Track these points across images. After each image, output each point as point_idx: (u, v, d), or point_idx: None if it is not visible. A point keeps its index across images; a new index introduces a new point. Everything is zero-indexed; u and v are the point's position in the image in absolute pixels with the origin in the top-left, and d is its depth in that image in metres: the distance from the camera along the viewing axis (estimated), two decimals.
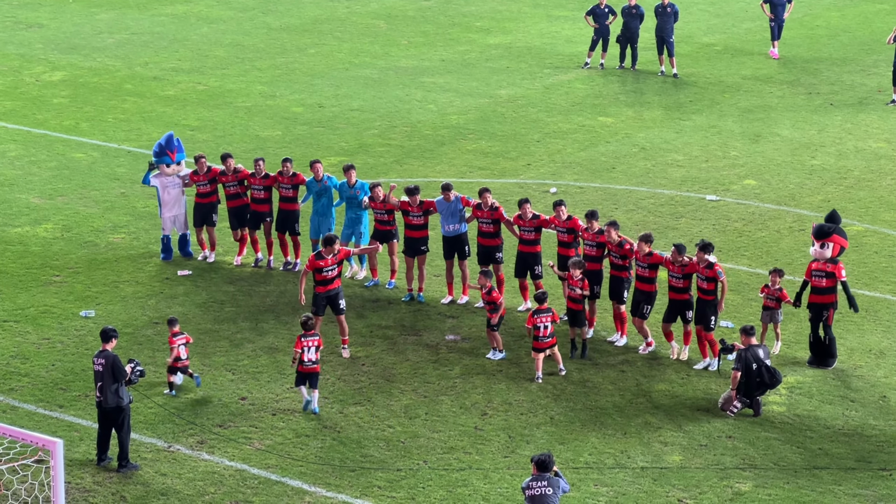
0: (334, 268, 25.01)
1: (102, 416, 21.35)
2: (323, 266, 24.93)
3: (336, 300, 25.06)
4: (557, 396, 23.90)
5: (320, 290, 25.04)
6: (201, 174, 28.83)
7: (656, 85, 41.74)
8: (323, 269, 24.94)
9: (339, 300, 25.08)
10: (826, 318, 24.72)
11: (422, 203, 27.13)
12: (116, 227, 30.75)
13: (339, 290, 25.14)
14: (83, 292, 27.48)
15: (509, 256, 27.58)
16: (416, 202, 27.08)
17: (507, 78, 42.11)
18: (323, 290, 25.02)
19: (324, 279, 24.99)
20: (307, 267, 25.15)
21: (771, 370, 23.20)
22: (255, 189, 28.59)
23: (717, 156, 35.85)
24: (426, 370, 24.72)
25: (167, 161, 28.75)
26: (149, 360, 24.70)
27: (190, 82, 41.29)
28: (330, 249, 24.89)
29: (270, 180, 28.57)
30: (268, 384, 24.10)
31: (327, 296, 25.05)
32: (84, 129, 37.14)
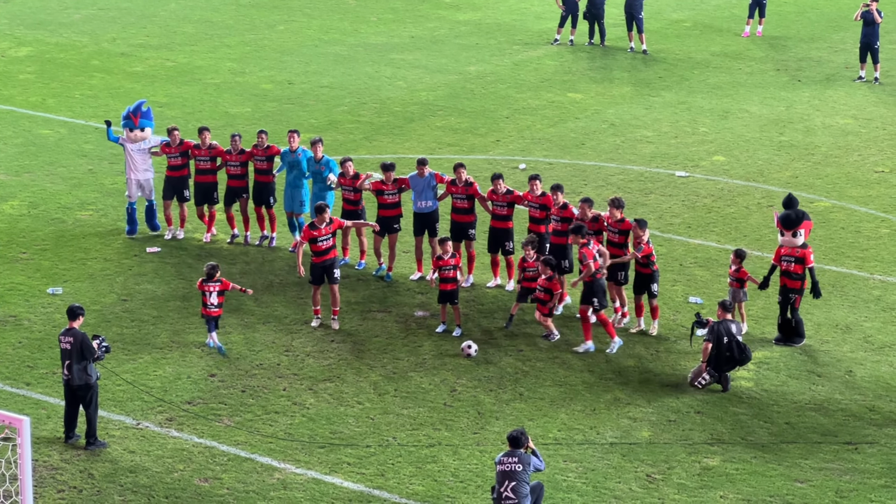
0: (329, 237, 24.99)
1: (69, 394, 21.26)
2: (317, 236, 24.93)
3: (332, 269, 25.07)
4: (527, 373, 23.91)
5: (316, 260, 25.08)
6: (173, 146, 28.65)
7: (625, 61, 41.73)
8: (318, 239, 24.94)
9: (334, 269, 25.10)
10: (794, 301, 24.75)
11: (395, 181, 27.05)
12: (84, 204, 30.59)
13: (334, 260, 25.14)
14: (50, 269, 27.34)
15: (481, 232, 27.54)
16: (390, 178, 26.98)
17: (477, 54, 42.03)
18: (319, 260, 25.04)
19: (319, 249, 24.97)
20: (302, 237, 25.25)
21: (741, 346, 23.26)
22: (231, 165, 28.44)
23: (686, 132, 35.88)
24: (396, 347, 24.70)
25: (130, 125, 28.53)
26: (116, 336, 24.60)
27: (158, 58, 41.08)
28: (322, 218, 24.87)
29: (247, 155, 28.45)
30: (237, 361, 24.03)
31: (323, 266, 25.04)
32: (51, 106, 36.92)
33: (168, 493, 20.36)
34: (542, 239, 26.16)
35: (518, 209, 27.06)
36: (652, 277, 24.83)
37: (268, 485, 20.62)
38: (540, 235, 26.14)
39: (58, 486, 20.40)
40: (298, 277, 27.12)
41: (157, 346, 24.46)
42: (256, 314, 25.67)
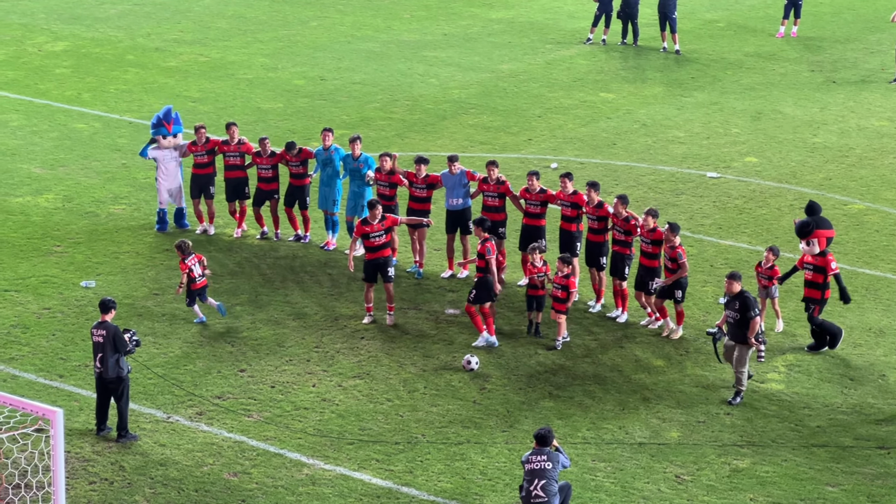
0: (382, 234, 25.00)
1: (101, 387, 21.36)
2: (370, 231, 24.96)
3: (385, 268, 25.06)
4: (556, 372, 23.90)
5: (369, 256, 25.09)
6: (199, 145, 28.73)
7: (658, 61, 41.65)
8: (370, 235, 24.96)
9: (388, 268, 25.09)
10: (812, 311, 24.56)
11: (426, 177, 27.07)
12: (117, 198, 30.72)
13: (388, 259, 25.12)
14: (84, 262, 27.47)
15: (512, 230, 27.54)
16: (421, 173, 27.01)
17: (509, 53, 42.02)
18: (372, 256, 25.04)
19: (372, 245, 25.00)
20: (355, 233, 25.29)
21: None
22: (262, 168, 28.48)
23: (718, 133, 35.79)
24: (426, 344, 24.72)
25: (164, 133, 28.66)
26: (148, 330, 24.70)
27: (192, 54, 41.20)
28: (374, 214, 24.88)
29: (277, 158, 28.48)
30: (267, 356, 24.10)
31: (376, 263, 25.05)
32: (86, 100, 37.07)
33: (198, 487, 20.43)
34: (571, 238, 26.15)
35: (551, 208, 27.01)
36: (678, 283, 24.76)
37: (296, 480, 20.68)
38: (570, 234, 26.14)
39: (89, 478, 20.50)
40: (330, 273, 27.20)
41: (187, 340, 24.54)
42: (286, 310, 25.74)
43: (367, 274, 25.24)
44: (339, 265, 27.63)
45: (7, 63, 39.78)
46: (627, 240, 25.37)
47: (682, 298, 24.86)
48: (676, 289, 24.75)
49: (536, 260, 24.80)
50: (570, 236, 26.21)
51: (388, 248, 25.25)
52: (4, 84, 37.99)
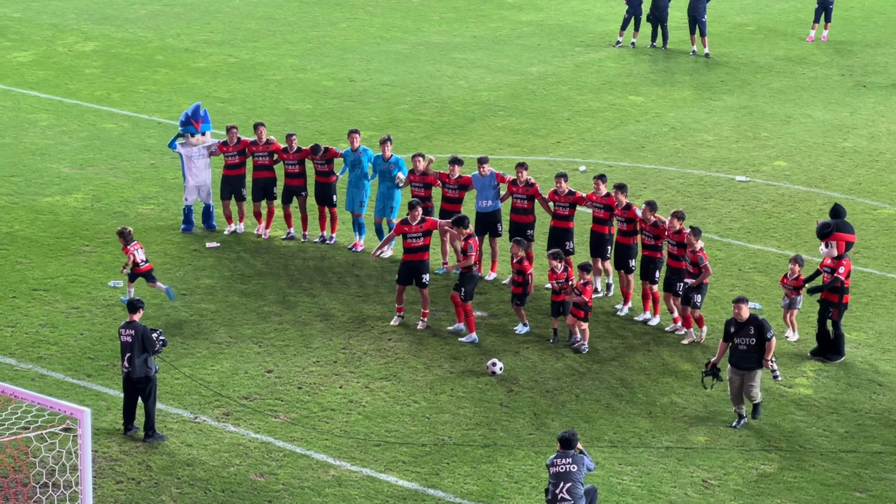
0: (420, 236, 24.99)
1: (129, 387, 21.42)
2: (408, 232, 24.95)
3: (421, 273, 25.03)
4: (583, 374, 23.87)
5: (406, 258, 25.10)
6: (231, 145, 28.80)
7: (687, 64, 41.57)
8: (408, 235, 24.96)
9: (423, 273, 25.03)
10: (831, 315, 24.45)
11: (459, 177, 27.08)
12: (146, 198, 30.81)
13: (425, 262, 25.10)
14: (112, 262, 27.55)
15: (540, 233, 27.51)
16: (454, 173, 27.01)
17: (539, 55, 41.99)
18: (409, 258, 25.05)
19: (409, 246, 25.01)
20: (394, 231, 25.38)
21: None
22: (288, 164, 28.56)
23: (747, 136, 35.70)
24: (453, 346, 24.71)
25: (192, 131, 28.72)
26: (175, 331, 24.76)
27: (221, 54, 41.31)
28: (413, 215, 24.88)
29: (304, 153, 28.55)
30: (294, 357, 24.13)
31: (412, 266, 25.04)
32: (115, 100, 37.20)
33: (224, 487, 20.47)
34: (603, 240, 26.14)
35: (579, 211, 26.97)
36: (698, 288, 24.67)
37: (323, 481, 20.71)
38: (601, 237, 26.13)
39: (116, 478, 20.56)
40: (357, 275, 27.22)
41: (214, 340, 24.60)
42: (314, 311, 25.77)
43: (402, 276, 25.22)
44: (366, 266, 27.65)
45: (37, 63, 39.95)
46: (657, 244, 25.32)
47: (699, 304, 24.77)
48: (695, 293, 24.67)
49: (557, 266, 24.75)
50: (601, 238, 26.19)
51: (426, 252, 25.23)
52: (35, 84, 38.16)
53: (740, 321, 22.05)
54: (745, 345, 22.06)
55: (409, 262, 25.13)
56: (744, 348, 22.07)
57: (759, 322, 22.07)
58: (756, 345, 22.06)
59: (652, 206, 25.28)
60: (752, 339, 22.05)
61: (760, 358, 22.11)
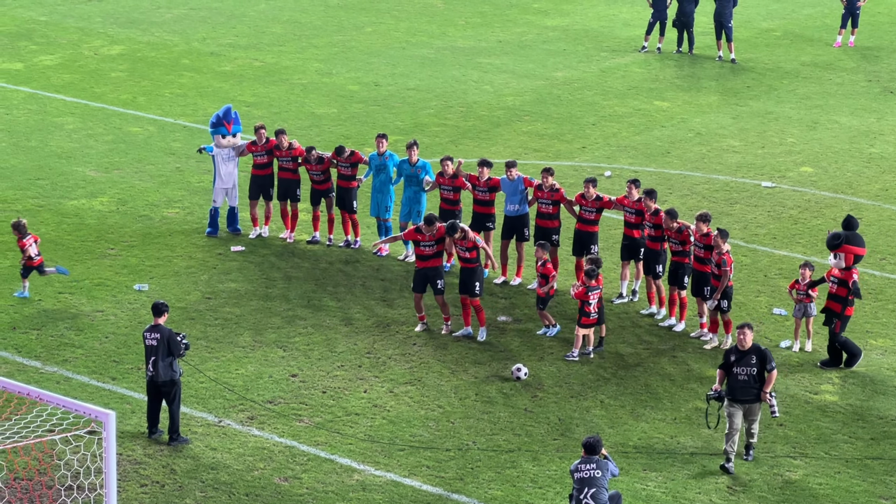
0: (433, 244, 24.99)
1: (153, 390, 21.46)
2: (420, 240, 24.99)
3: (435, 279, 25.04)
4: (608, 380, 23.84)
5: (419, 265, 25.12)
6: (259, 145, 28.85)
7: (713, 70, 41.50)
8: (420, 243, 25.00)
9: (437, 280, 25.03)
10: (833, 325, 24.34)
11: (489, 180, 27.11)
12: (171, 202, 30.88)
13: (438, 269, 25.11)
14: (137, 266, 27.63)
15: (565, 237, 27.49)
16: (484, 175, 27.03)
17: (564, 60, 41.97)
18: (422, 265, 25.07)
19: (421, 254, 25.06)
20: (404, 235, 25.58)
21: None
22: (313, 173, 28.61)
23: (773, 142, 35.61)
24: (477, 351, 24.71)
25: (223, 132, 28.78)
26: (199, 334, 24.81)
27: (247, 58, 41.40)
28: (430, 228, 24.89)
29: (326, 163, 28.55)
30: (318, 362, 24.16)
31: (425, 272, 25.06)
32: (141, 104, 37.30)
33: (248, 491, 20.50)
34: (635, 244, 26.12)
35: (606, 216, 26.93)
36: (725, 292, 24.61)
37: (347, 486, 20.72)
38: (633, 241, 26.11)
39: (140, 481, 20.61)
40: (382, 280, 27.23)
41: (239, 344, 24.64)
42: (338, 315, 25.79)
43: (416, 284, 25.23)
44: (391, 271, 27.67)
45: (63, 66, 40.09)
46: (684, 249, 25.27)
47: (727, 308, 24.72)
48: (722, 298, 24.62)
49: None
50: (634, 242, 26.19)
51: (439, 258, 25.24)
52: (61, 87, 38.29)
53: (742, 349, 21.05)
54: (746, 374, 20.96)
55: (423, 270, 25.13)
56: (744, 378, 20.98)
57: (762, 351, 21.03)
58: (757, 374, 21.00)
59: (671, 214, 25.21)
60: (754, 368, 20.98)
61: (760, 389, 21.07)
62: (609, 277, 27.15)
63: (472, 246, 24.93)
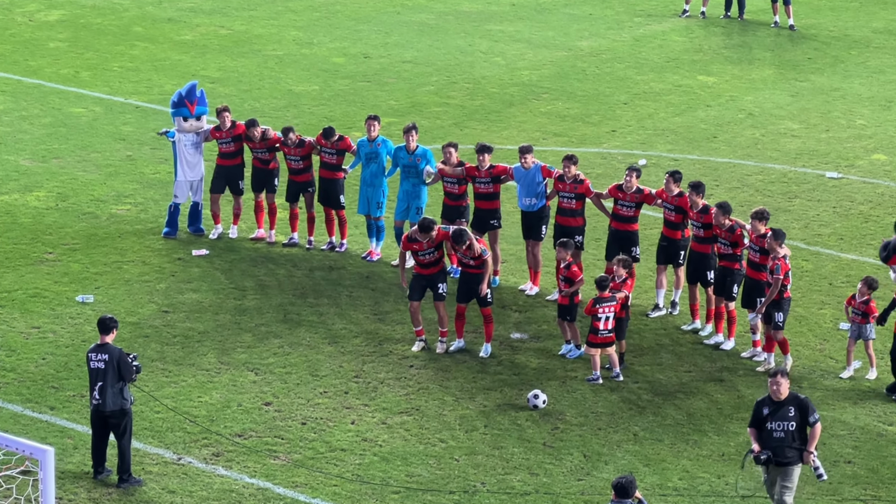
0: (432, 251, 25.10)
1: (99, 422, 21.47)
2: (417, 249, 25.10)
3: (436, 284, 25.22)
4: (643, 409, 23.87)
5: (418, 270, 25.29)
6: (224, 130, 28.89)
7: (768, 38, 41.54)
8: (418, 253, 25.11)
9: (439, 284, 25.22)
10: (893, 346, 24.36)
11: (491, 168, 27.08)
12: (121, 197, 30.92)
13: (441, 274, 25.29)
14: (80, 273, 27.66)
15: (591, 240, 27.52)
16: (484, 163, 27.04)
17: (590, 27, 42.01)
18: (421, 271, 25.27)
19: (421, 262, 25.25)
20: (402, 247, 25.50)
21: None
22: (291, 159, 28.65)
23: (839, 125, 35.64)
24: (487, 375, 24.75)
25: (185, 114, 28.82)
26: (155, 355, 24.85)
27: (211, 25, 41.44)
28: (425, 236, 25.00)
29: (308, 147, 28.59)
30: (297, 387, 24.20)
31: (426, 278, 25.22)
32: (85, 80, 37.35)
33: None
34: (676, 247, 26.11)
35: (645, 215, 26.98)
36: (778, 305, 24.61)
37: None
38: (674, 243, 26.11)
39: None
40: (373, 289, 27.28)
41: (202, 367, 24.68)
42: (321, 333, 25.83)
43: (413, 290, 25.31)
44: (383, 279, 27.70)
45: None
46: (735, 252, 25.27)
47: (782, 324, 24.70)
48: (776, 310, 24.60)
49: (620, 274, 24.74)
50: (674, 245, 26.19)
51: (440, 265, 25.29)
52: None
53: (777, 400, 20.28)
54: (783, 430, 20.14)
55: (422, 276, 25.22)
56: (780, 435, 20.16)
57: (802, 401, 20.32)
58: (797, 430, 20.23)
59: (724, 209, 25.24)
60: (792, 423, 20.19)
61: (802, 448, 20.31)
62: (644, 287, 27.16)
63: (480, 257, 24.96)
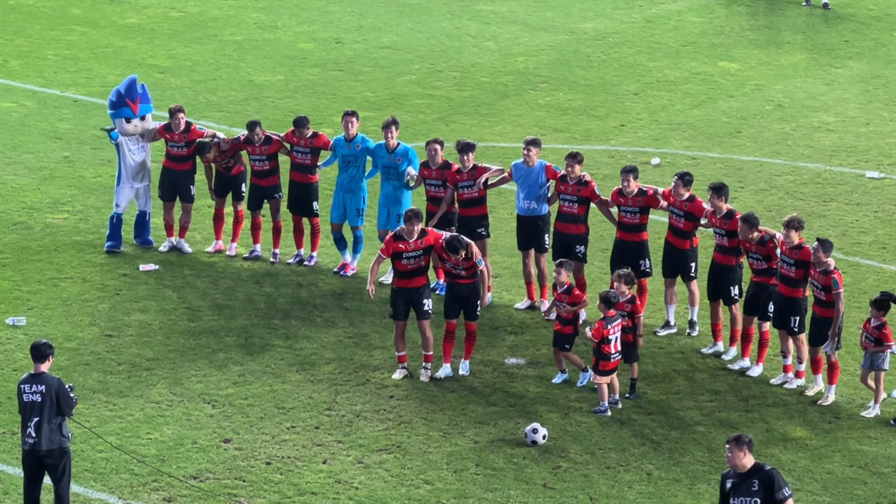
0: (419, 254, 25.10)
1: (34, 463, 21.41)
2: (403, 250, 25.09)
3: (420, 299, 25.24)
4: (657, 444, 23.90)
5: (399, 283, 25.29)
6: (177, 132, 28.91)
7: (799, 18, 41.63)
8: (403, 255, 25.12)
9: (423, 300, 25.25)
10: None
11: (475, 168, 27.13)
12: (56, 204, 30.92)
13: (424, 288, 25.33)
14: (10, 291, 27.66)
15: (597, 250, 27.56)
16: (468, 163, 27.07)
17: (595, 6, 42.08)
18: (403, 284, 25.25)
19: (403, 269, 25.17)
20: (382, 251, 25.40)
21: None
22: (255, 160, 28.68)
23: (881, 118, 35.72)
24: (478, 405, 24.77)
25: (127, 114, 28.84)
26: (97, 385, 24.83)
27: (160, 7, 41.46)
28: (411, 229, 24.99)
29: (276, 145, 28.63)
30: (261, 422, 24.20)
31: (408, 293, 25.25)
32: (14, 70, 37.34)
33: None
34: (684, 258, 26.14)
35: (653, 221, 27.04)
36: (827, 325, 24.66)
37: None
38: (681, 253, 26.14)
39: None
40: (347, 308, 27.30)
41: (152, 399, 24.68)
42: (288, 359, 25.84)
43: (396, 308, 25.34)
44: (359, 297, 27.73)
45: None
46: (771, 266, 25.29)
47: (838, 345, 24.74)
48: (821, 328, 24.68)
49: (622, 290, 24.80)
50: (682, 256, 26.22)
51: (424, 275, 25.32)
52: None
53: (739, 471, 19.51)
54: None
55: (404, 290, 25.22)
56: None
57: (767, 474, 19.57)
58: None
59: (750, 223, 25.19)
60: (756, 500, 19.51)
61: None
62: (659, 304, 27.20)
63: (472, 267, 25.02)
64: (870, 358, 24.73)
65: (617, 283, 24.98)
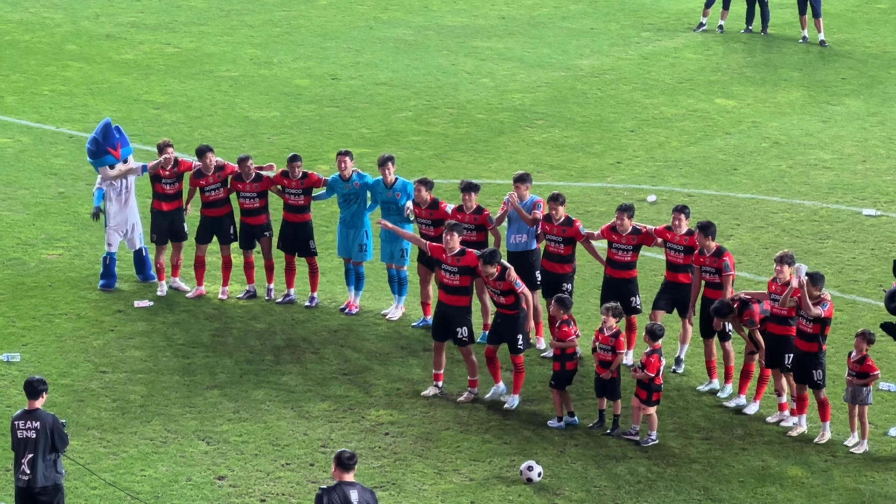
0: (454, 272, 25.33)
1: (28, 500, 21.37)
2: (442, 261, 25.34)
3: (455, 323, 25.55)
4: (653, 482, 23.89)
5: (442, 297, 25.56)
6: (168, 168, 28.88)
7: (796, 56, 41.69)
8: (442, 266, 25.40)
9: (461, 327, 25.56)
10: None
11: (478, 211, 27.10)
12: (52, 240, 30.92)
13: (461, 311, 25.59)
14: (5, 328, 27.64)
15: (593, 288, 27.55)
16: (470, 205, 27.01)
17: (591, 43, 42.13)
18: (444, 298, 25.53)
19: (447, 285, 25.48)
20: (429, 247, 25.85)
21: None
22: (245, 198, 28.61)
23: (878, 155, 35.76)
24: (473, 442, 24.76)
25: (111, 161, 28.69)
26: (92, 422, 24.81)
27: (155, 43, 41.50)
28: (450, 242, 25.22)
29: (266, 183, 28.57)
30: (255, 459, 24.19)
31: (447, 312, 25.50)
32: (10, 105, 37.36)
33: None
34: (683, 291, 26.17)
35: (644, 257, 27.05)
36: (817, 360, 24.66)
37: None
38: (683, 288, 26.17)
39: None
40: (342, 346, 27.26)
41: (146, 436, 24.66)
42: (282, 396, 25.82)
43: (436, 327, 25.74)
44: (358, 335, 27.70)
45: None
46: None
47: (822, 381, 24.76)
48: (814, 368, 24.66)
49: (609, 324, 24.79)
50: (683, 291, 26.25)
51: (464, 296, 25.53)
52: None
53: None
54: None
55: (443, 307, 25.53)
56: None
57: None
58: None
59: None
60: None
61: None
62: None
63: (509, 289, 25.07)
64: (851, 392, 24.69)
65: (605, 315, 24.99)
